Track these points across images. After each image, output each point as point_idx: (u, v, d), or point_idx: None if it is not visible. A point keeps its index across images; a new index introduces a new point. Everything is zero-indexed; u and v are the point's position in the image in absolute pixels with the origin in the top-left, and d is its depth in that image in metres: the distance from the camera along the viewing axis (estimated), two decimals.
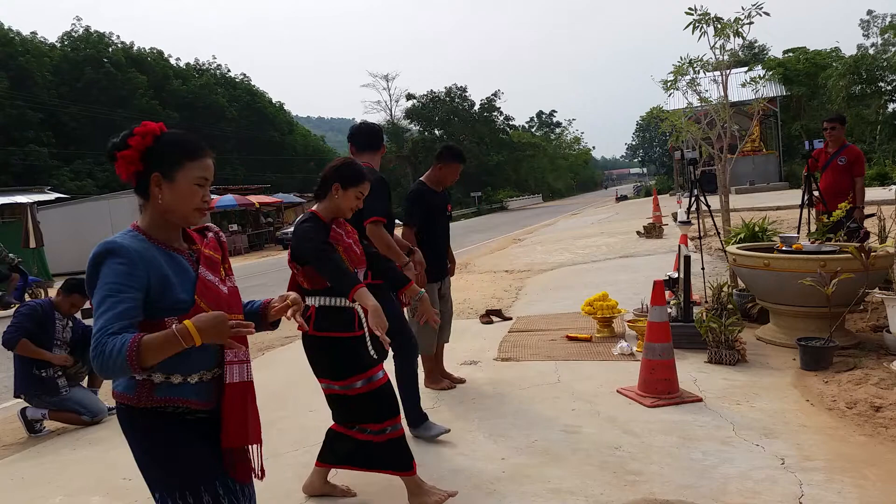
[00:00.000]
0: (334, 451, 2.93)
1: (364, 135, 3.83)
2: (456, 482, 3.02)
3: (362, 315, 2.72)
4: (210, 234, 1.85)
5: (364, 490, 3.05)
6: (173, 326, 1.49)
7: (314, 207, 2.83)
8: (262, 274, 15.45)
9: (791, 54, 35.39)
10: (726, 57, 6.46)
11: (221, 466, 1.74)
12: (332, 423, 2.96)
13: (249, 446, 1.79)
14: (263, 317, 1.90)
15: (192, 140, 1.72)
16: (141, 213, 1.73)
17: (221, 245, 1.87)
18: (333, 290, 2.70)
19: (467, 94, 55.75)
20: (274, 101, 54.64)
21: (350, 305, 2.72)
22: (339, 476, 3.09)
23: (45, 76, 36.26)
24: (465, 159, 4.35)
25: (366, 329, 2.73)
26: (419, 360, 3.85)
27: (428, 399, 4.28)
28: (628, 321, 5.47)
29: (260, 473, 1.83)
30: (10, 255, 11.59)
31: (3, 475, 3.84)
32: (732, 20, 6.08)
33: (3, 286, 11.14)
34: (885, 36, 33.62)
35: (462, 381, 4.60)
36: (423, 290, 3.12)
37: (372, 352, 2.79)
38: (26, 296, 11.22)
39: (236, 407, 1.72)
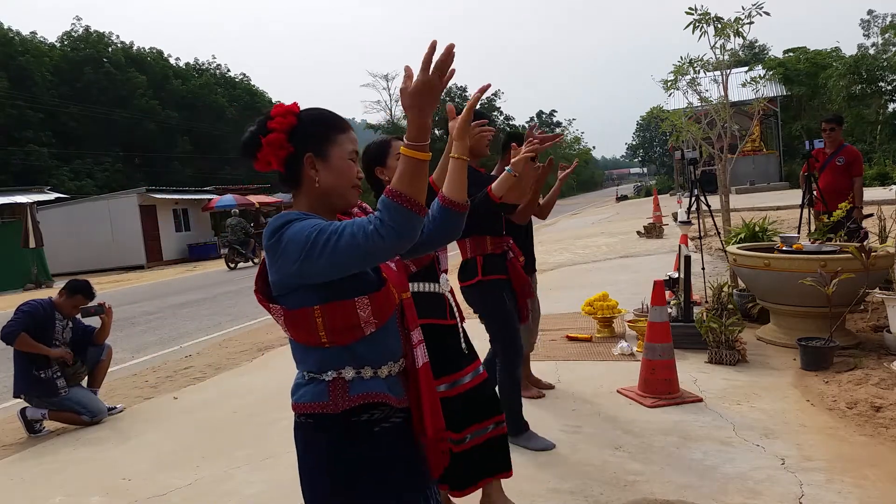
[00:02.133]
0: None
1: None
2: None
3: (453, 304, 2.59)
4: (356, 210, 1.67)
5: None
6: (399, 149, 1.33)
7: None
8: None
9: (791, 54, 35.34)
10: (726, 57, 6.46)
11: (424, 481, 1.58)
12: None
13: (439, 432, 1.62)
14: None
15: (333, 114, 1.57)
16: (292, 202, 1.61)
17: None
18: (422, 275, 2.55)
19: (467, 94, 55.75)
20: (274, 100, 54.61)
21: (440, 291, 2.58)
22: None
23: (45, 76, 36.21)
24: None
25: (458, 320, 2.60)
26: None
27: None
28: (628, 321, 5.47)
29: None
30: (248, 226, 18.59)
31: (3, 475, 3.84)
32: (732, 20, 6.08)
33: (245, 247, 18.07)
34: (886, 36, 33.63)
35: (551, 386, 4.32)
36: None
37: (464, 345, 2.60)
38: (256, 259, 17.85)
39: (427, 389, 1.57)
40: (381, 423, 1.50)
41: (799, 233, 5.85)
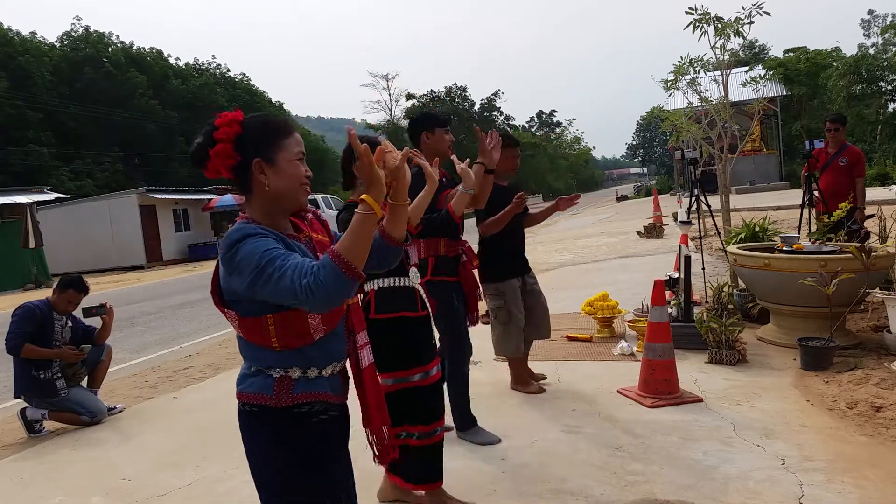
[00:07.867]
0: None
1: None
2: (456, 482, 3.02)
3: (424, 295, 2.76)
4: (310, 216, 1.75)
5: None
6: (357, 209, 1.38)
7: (351, 197, 2.62)
8: None
9: (791, 54, 35.37)
10: (727, 57, 6.45)
11: (349, 474, 1.72)
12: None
13: (383, 427, 1.76)
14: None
15: (277, 118, 1.65)
16: (244, 209, 1.63)
17: (324, 225, 1.78)
18: (392, 270, 2.56)
19: (467, 93, 55.81)
20: (273, 100, 54.56)
21: (411, 285, 2.73)
22: None
23: (45, 76, 36.20)
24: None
25: (429, 310, 2.77)
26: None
27: None
28: (628, 321, 5.47)
29: (394, 451, 1.81)
30: None
31: (3, 475, 3.84)
32: (733, 20, 6.07)
33: None
34: (886, 35, 33.63)
35: (543, 377, 4.46)
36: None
37: (437, 336, 2.78)
38: None
39: (373, 388, 1.71)
40: (320, 414, 1.61)
41: (799, 233, 5.85)
